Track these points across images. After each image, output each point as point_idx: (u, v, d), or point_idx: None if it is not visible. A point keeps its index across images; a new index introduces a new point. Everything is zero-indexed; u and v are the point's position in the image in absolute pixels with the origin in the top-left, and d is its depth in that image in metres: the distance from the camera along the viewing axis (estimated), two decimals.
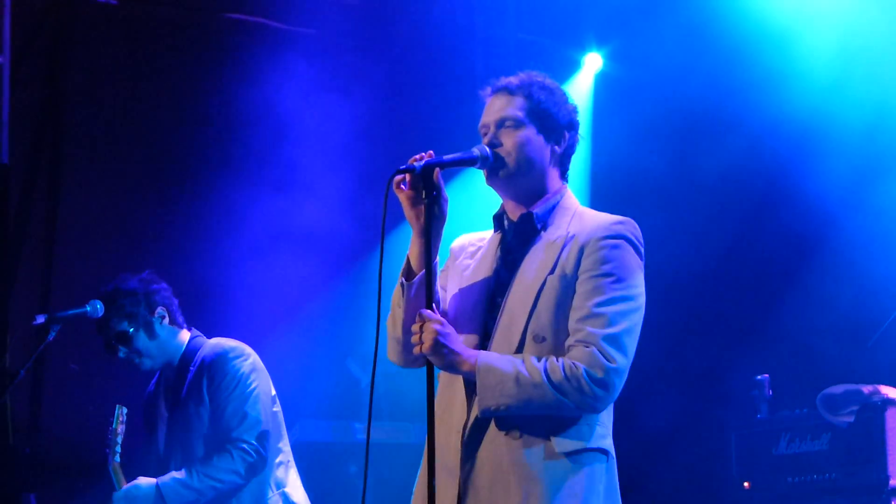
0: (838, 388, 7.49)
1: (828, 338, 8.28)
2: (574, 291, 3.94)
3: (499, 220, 4.13)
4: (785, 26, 8.34)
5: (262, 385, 5.79)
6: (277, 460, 5.81)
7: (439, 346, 3.83)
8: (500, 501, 3.84)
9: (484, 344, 3.99)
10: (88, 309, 5.90)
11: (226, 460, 5.61)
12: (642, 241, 4.01)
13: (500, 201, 4.20)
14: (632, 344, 3.89)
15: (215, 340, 5.92)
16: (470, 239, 4.29)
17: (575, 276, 3.95)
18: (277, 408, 5.89)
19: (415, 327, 3.88)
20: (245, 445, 5.62)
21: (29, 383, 7.90)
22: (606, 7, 8.92)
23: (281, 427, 5.87)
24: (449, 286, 4.19)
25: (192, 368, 5.83)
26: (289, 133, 8.70)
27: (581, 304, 3.90)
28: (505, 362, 3.83)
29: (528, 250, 4.05)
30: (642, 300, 3.96)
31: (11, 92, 7.91)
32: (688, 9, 8.51)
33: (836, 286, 8.41)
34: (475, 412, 3.89)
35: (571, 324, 3.90)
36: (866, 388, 7.39)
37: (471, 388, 3.91)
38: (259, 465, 5.67)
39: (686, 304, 8.77)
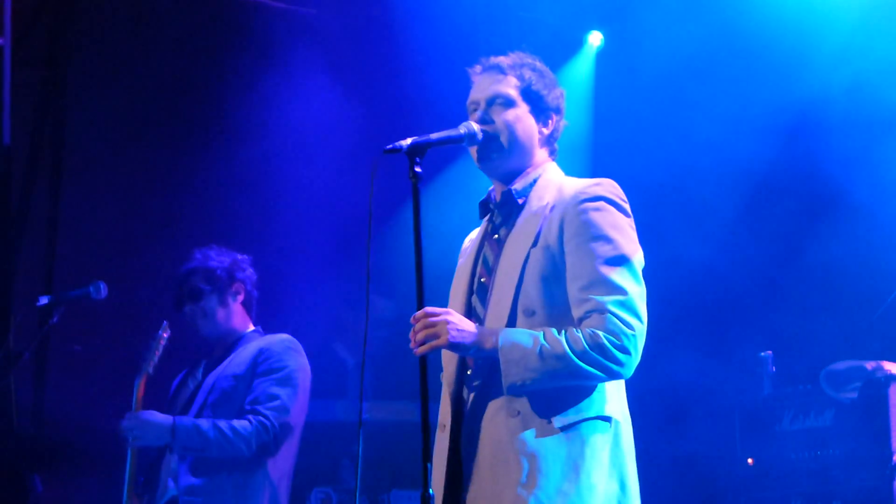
0: (842, 365, 7.48)
1: (831, 314, 8.28)
2: (560, 262, 3.91)
3: (484, 206, 4.13)
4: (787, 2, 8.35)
5: (302, 386, 5.84)
6: (286, 469, 5.83)
7: (457, 334, 3.80)
8: (502, 479, 3.80)
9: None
10: (91, 290, 5.93)
11: (243, 427, 5.61)
12: (624, 197, 3.96)
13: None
14: (642, 304, 3.86)
15: (274, 335, 5.99)
16: (469, 237, 4.32)
17: (560, 247, 3.92)
18: (303, 418, 5.93)
19: (418, 327, 3.83)
20: (266, 423, 5.64)
21: (32, 365, 7.91)
22: None
23: (297, 440, 5.88)
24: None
25: (241, 347, 5.89)
26: (290, 110, 8.74)
27: (580, 273, 3.86)
28: (525, 337, 3.80)
29: (511, 228, 4.04)
30: (639, 256, 3.92)
31: (13, 73, 7.93)
32: None
33: (840, 262, 8.38)
34: (473, 393, 3.90)
35: (574, 294, 3.86)
36: (870, 364, 7.37)
37: (463, 369, 3.95)
38: (272, 449, 5.69)
39: (690, 281, 8.70)
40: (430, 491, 3.67)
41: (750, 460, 7.90)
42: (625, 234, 3.89)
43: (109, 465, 5.99)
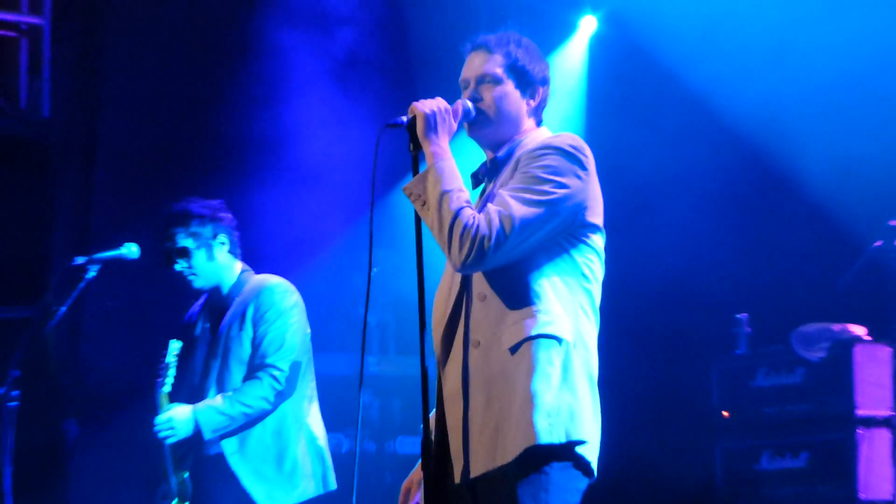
0: (811, 327, 7.68)
1: (802, 280, 8.34)
2: None
3: (475, 177, 4.06)
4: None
5: (301, 322, 5.76)
6: (306, 393, 5.78)
7: (431, 118, 3.81)
8: (469, 407, 3.78)
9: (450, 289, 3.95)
10: (124, 251, 5.86)
11: (256, 387, 5.57)
12: (578, 146, 3.83)
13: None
14: (524, 229, 3.71)
15: (263, 276, 5.88)
16: None
17: None
18: (309, 347, 5.87)
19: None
20: (276, 373, 5.58)
21: (69, 319, 7.45)
22: None
23: (311, 365, 5.84)
24: None
25: (238, 296, 5.79)
26: (303, 90, 8.68)
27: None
28: (455, 181, 3.77)
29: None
30: (560, 195, 3.76)
31: (52, 50, 8.04)
32: None
33: (812, 235, 8.47)
34: (458, 342, 3.85)
35: None
36: (836, 327, 7.58)
37: (454, 320, 3.88)
38: (287, 392, 5.62)
39: (675, 249, 8.80)
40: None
41: (726, 413, 8.03)
42: (556, 173, 3.77)
43: (141, 410, 5.92)
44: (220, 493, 5.62)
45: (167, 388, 5.61)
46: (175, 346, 5.71)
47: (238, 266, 5.88)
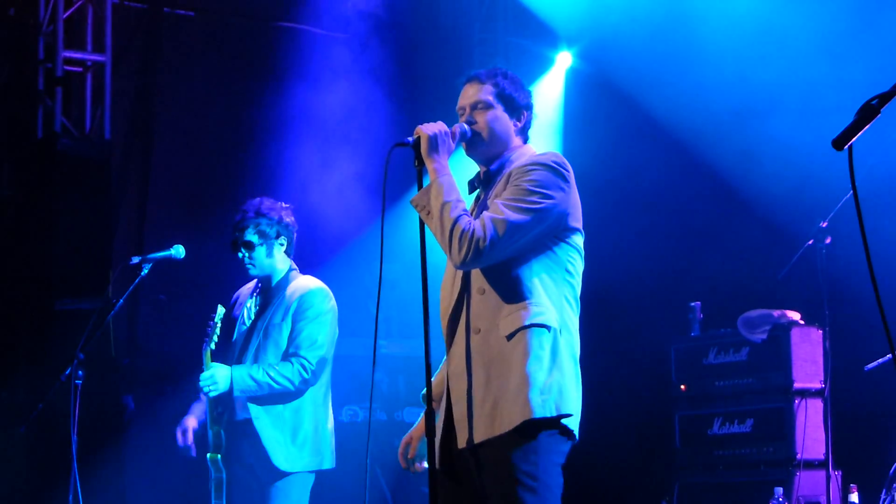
0: (754, 312, 7.70)
1: (747, 273, 8.36)
2: None
3: (471, 184, 4.15)
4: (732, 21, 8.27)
5: (333, 325, 5.83)
6: (324, 384, 5.81)
7: (433, 139, 3.90)
8: (472, 384, 3.86)
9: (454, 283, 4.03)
10: (172, 252, 5.94)
11: (286, 368, 5.62)
12: (561, 162, 3.94)
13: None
14: (515, 231, 3.79)
15: (309, 278, 5.90)
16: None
17: None
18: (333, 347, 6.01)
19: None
20: (305, 364, 5.63)
21: (127, 310, 8.02)
22: (575, 10, 8.94)
23: (331, 363, 5.88)
24: None
25: (285, 289, 5.81)
26: (324, 118, 8.69)
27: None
28: (454, 193, 3.86)
29: (488, 195, 4.09)
30: (546, 204, 3.85)
31: (112, 82, 8.16)
32: (646, 10, 8.48)
33: (756, 235, 8.49)
34: (462, 328, 3.95)
35: None
36: (776, 312, 7.63)
37: (458, 310, 3.97)
38: (311, 382, 5.69)
39: (639, 250, 8.82)
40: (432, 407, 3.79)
41: (683, 387, 8.09)
42: (543, 186, 3.86)
43: (187, 387, 5.93)
44: (246, 449, 5.69)
45: (212, 346, 5.60)
46: (221, 310, 5.71)
47: (288, 263, 5.94)
